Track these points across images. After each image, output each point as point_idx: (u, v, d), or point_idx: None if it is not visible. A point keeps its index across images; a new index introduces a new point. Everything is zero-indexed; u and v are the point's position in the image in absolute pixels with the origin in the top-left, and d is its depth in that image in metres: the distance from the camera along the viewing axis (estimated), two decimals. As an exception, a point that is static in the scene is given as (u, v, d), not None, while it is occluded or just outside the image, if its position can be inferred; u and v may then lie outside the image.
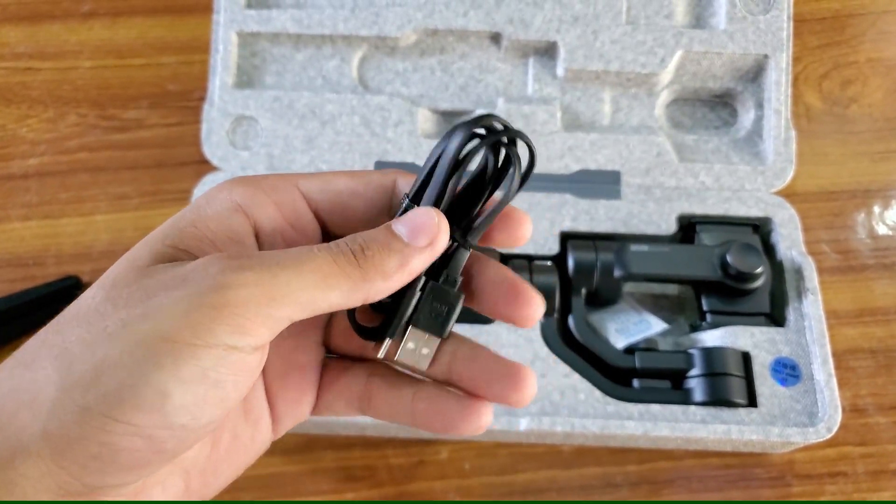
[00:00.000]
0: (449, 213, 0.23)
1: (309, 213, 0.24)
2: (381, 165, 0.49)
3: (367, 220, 0.24)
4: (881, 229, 0.51)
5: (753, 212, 0.47)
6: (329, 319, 0.26)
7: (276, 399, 0.25)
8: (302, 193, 0.24)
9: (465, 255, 0.24)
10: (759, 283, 0.44)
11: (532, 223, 0.46)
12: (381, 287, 0.22)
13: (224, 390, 0.20)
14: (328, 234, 0.25)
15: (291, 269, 0.20)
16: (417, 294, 0.23)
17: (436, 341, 0.24)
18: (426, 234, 0.22)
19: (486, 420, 0.23)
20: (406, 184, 0.24)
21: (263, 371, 0.25)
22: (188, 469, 0.23)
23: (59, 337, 0.20)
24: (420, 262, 0.22)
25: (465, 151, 0.23)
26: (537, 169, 0.48)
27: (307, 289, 0.20)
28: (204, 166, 0.50)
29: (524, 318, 0.23)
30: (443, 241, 0.22)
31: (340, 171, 0.25)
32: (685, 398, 0.42)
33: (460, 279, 0.24)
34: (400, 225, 0.22)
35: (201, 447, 0.23)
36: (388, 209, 0.25)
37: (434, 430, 0.24)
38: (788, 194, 0.48)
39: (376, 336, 0.24)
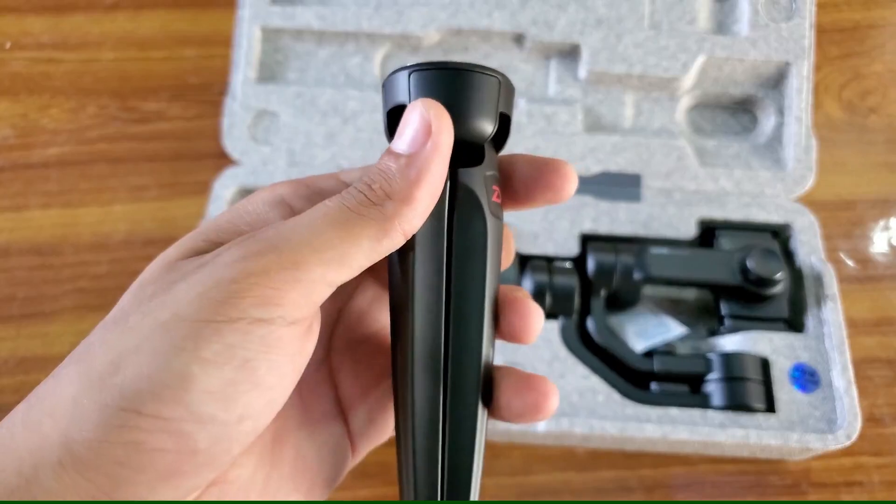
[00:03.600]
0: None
1: None
2: (401, 163, 0.49)
3: None
4: (899, 239, 0.51)
5: (773, 218, 0.47)
6: None
7: (350, 408, 0.23)
8: (344, 182, 0.22)
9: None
10: (778, 288, 0.44)
11: (553, 224, 0.46)
12: (410, 213, 0.19)
13: (255, 373, 0.17)
14: None
15: (307, 228, 0.18)
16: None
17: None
18: (423, 131, 0.19)
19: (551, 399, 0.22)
20: None
21: (331, 371, 0.23)
22: (245, 492, 0.20)
23: (85, 344, 0.19)
24: (436, 165, 0.19)
25: None
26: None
27: (332, 244, 0.18)
28: (223, 160, 0.50)
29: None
30: (445, 128, 0.19)
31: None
32: (703, 402, 0.42)
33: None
34: (396, 139, 0.20)
35: (258, 467, 0.21)
36: None
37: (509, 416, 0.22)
38: (807, 203, 0.48)
39: None
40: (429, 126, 0.19)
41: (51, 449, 0.17)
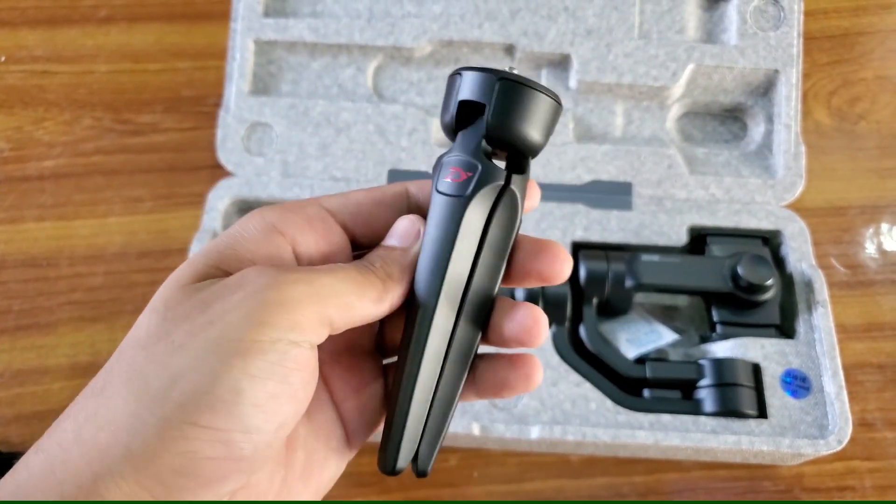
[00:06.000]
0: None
1: (337, 226, 0.25)
2: (394, 173, 0.49)
3: (389, 226, 0.26)
4: (889, 245, 0.51)
5: (763, 224, 0.48)
6: (380, 327, 0.27)
7: (344, 408, 0.26)
8: (326, 209, 0.25)
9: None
10: (769, 294, 0.44)
11: (545, 232, 0.46)
12: (399, 290, 0.24)
13: (292, 386, 0.20)
14: (356, 245, 0.26)
15: (330, 275, 0.22)
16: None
17: None
18: (409, 236, 0.24)
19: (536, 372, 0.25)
20: (417, 190, 0.26)
21: (325, 380, 0.26)
22: (265, 493, 0.22)
23: (125, 364, 0.20)
24: (414, 260, 0.24)
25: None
26: (550, 179, 0.49)
27: (346, 293, 0.22)
28: (217, 171, 0.50)
29: (555, 274, 0.24)
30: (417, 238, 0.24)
31: (357, 189, 0.26)
32: (695, 408, 0.42)
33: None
34: (390, 237, 0.25)
35: (275, 470, 0.23)
36: (407, 213, 0.26)
37: (493, 394, 0.25)
38: (797, 209, 0.49)
39: None
40: (418, 233, 0.24)
41: (112, 461, 0.19)
